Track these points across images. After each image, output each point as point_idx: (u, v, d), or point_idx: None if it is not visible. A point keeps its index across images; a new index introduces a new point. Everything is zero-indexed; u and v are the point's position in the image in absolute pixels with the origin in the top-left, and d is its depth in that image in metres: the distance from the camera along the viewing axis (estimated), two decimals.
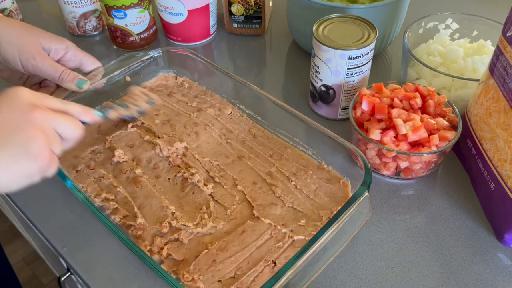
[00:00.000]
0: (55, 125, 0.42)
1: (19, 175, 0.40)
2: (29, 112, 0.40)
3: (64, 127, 0.43)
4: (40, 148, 0.40)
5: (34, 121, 0.40)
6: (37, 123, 0.40)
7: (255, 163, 0.57)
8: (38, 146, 0.39)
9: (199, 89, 0.69)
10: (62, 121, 0.42)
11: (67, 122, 0.43)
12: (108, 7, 0.74)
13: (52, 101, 0.43)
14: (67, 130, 0.43)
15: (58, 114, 0.42)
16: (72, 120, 0.44)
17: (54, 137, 0.42)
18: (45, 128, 0.41)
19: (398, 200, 0.56)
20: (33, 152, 0.39)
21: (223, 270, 0.46)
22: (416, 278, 0.48)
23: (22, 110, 0.40)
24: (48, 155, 0.41)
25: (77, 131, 0.44)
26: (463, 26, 0.72)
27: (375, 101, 0.57)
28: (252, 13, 0.81)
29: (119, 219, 0.51)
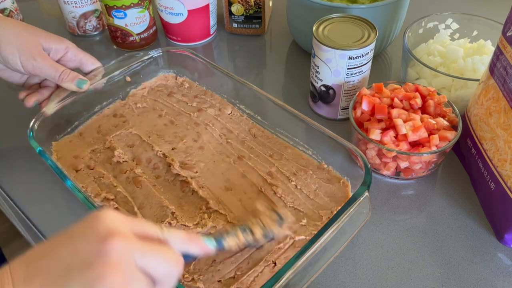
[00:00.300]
0: (140, 259, 0.30)
1: None
2: (105, 241, 0.29)
3: (154, 263, 0.31)
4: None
5: (109, 253, 0.29)
6: (113, 256, 0.29)
7: (255, 163, 0.57)
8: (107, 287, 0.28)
9: (199, 89, 0.69)
10: (151, 253, 0.31)
11: (159, 255, 0.31)
12: (108, 7, 0.74)
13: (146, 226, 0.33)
14: (158, 267, 0.31)
15: (147, 245, 0.31)
16: (167, 253, 0.32)
17: (135, 276, 0.30)
18: (123, 263, 0.29)
19: (398, 200, 0.56)
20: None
21: (223, 270, 0.46)
22: (416, 278, 0.48)
23: (97, 238, 0.30)
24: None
25: (175, 268, 0.32)
26: (463, 26, 0.72)
27: (375, 101, 0.57)
28: (252, 13, 0.81)
29: None
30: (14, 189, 0.58)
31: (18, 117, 0.66)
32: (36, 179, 0.59)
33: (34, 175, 0.59)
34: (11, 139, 0.65)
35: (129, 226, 0.32)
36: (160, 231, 0.34)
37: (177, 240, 0.34)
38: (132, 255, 0.30)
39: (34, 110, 0.59)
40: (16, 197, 0.57)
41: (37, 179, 0.59)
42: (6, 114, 0.69)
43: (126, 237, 0.30)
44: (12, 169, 0.61)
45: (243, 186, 0.55)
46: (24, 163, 0.61)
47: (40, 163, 0.55)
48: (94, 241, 0.30)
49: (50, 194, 0.57)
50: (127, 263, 0.30)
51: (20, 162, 0.61)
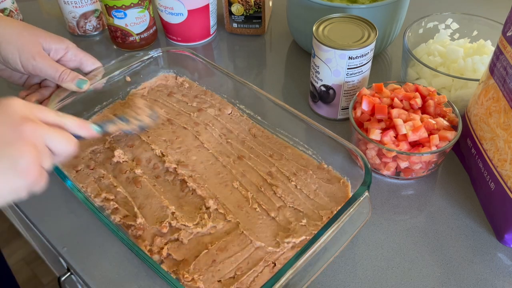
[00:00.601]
0: (47, 139, 0.40)
1: (6, 191, 0.38)
2: (20, 125, 0.38)
3: (56, 142, 0.41)
4: (29, 164, 0.38)
5: (24, 134, 0.38)
6: (28, 137, 0.38)
7: (255, 163, 0.57)
8: (27, 161, 0.38)
9: (199, 89, 0.69)
10: (54, 135, 0.41)
11: (60, 136, 0.41)
12: (108, 7, 0.74)
13: (47, 114, 0.42)
14: (59, 145, 0.41)
15: (51, 128, 0.41)
16: (65, 135, 0.42)
17: (44, 152, 0.40)
18: (36, 142, 0.39)
19: (398, 200, 0.56)
20: (21, 168, 0.38)
21: (223, 270, 0.46)
22: (416, 278, 0.48)
23: (12, 122, 0.38)
24: (37, 171, 0.39)
25: (70, 146, 0.42)
26: (463, 26, 0.72)
27: (375, 101, 0.57)
28: (252, 13, 0.81)
29: (119, 219, 0.51)
30: None
31: None
32: None
33: None
34: None
35: (35, 113, 0.40)
36: (58, 117, 0.42)
37: (71, 124, 0.44)
38: (41, 136, 0.39)
39: None
40: None
41: None
42: None
43: (36, 122, 0.39)
44: None
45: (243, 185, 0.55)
46: None
47: None
48: (10, 124, 0.38)
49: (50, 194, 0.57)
50: (38, 141, 0.39)
51: None
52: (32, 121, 0.39)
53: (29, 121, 0.39)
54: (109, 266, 0.50)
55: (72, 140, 0.43)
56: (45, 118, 0.41)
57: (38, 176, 0.39)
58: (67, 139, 0.42)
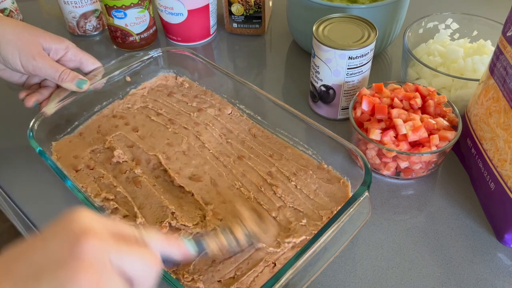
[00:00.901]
0: (117, 259, 0.29)
1: None
2: (79, 240, 0.28)
3: (131, 263, 0.30)
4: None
5: (83, 252, 0.28)
6: (87, 256, 0.28)
7: (255, 163, 0.57)
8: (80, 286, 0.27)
9: (199, 89, 0.69)
10: (127, 253, 0.30)
11: (136, 254, 0.30)
12: (108, 7, 0.74)
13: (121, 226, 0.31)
14: (135, 267, 0.30)
15: (123, 244, 0.30)
16: (143, 252, 0.31)
17: (110, 276, 0.29)
18: (98, 262, 0.28)
19: (398, 200, 0.56)
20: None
21: (223, 270, 0.46)
22: (416, 278, 0.48)
23: (71, 238, 0.29)
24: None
25: (152, 268, 0.31)
26: (463, 26, 0.72)
27: (375, 101, 0.57)
28: (252, 13, 0.81)
29: (119, 219, 0.51)
30: (14, 189, 0.58)
31: (18, 117, 0.66)
32: (36, 179, 0.59)
33: (34, 175, 0.59)
34: (11, 139, 0.65)
35: (104, 225, 0.31)
36: (137, 232, 0.33)
37: (155, 241, 0.33)
38: (107, 255, 0.29)
39: (34, 110, 0.59)
40: (16, 197, 0.57)
41: (37, 179, 0.59)
42: (6, 114, 0.69)
43: (101, 236, 0.29)
44: (12, 169, 0.61)
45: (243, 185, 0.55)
46: (24, 163, 0.61)
47: (40, 163, 0.55)
48: (67, 241, 0.28)
49: (50, 194, 0.57)
50: (101, 262, 0.28)
51: (20, 162, 0.61)
52: (96, 234, 0.29)
53: (91, 235, 0.29)
54: None
55: (156, 260, 0.32)
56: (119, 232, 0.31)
57: None
58: (146, 257, 0.31)
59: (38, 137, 0.55)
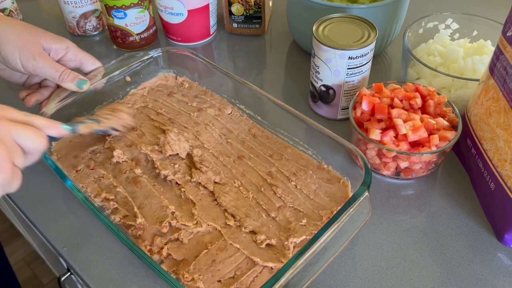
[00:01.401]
0: (16, 136, 0.39)
1: None
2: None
3: (26, 139, 0.40)
4: (1, 159, 0.37)
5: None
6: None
7: (255, 163, 0.57)
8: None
9: (199, 89, 0.69)
10: (23, 132, 0.40)
11: (29, 133, 0.40)
12: (108, 7, 0.74)
13: (14, 112, 0.41)
14: (29, 142, 0.40)
15: (19, 125, 0.40)
16: (35, 131, 0.41)
17: (15, 149, 0.39)
18: (4, 139, 0.38)
19: (398, 200, 0.56)
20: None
21: (223, 270, 0.46)
22: (416, 278, 0.48)
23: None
24: (9, 168, 0.38)
25: (41, 143, 0.41)
26: (463, 26, 0.72)
27: (375, 101, 0.57)
28: (252, 13, 0.81)
29: (119, 219, 0.51)
30: None
31: None
32: (36, 179, 0.59)
33: (34, 175, 0.59)
34: None
35: (1, 110, 0.39)
36: (25, 116, 0.41)
37: (40, 124, 0.43)
38: (9, 132, 0.38)
39: (34, 110, 0.59)
40: (16, 197, 0.57)
41: (37, 179, 0.59)
42: None
43: (2, 119, 0.39)
44: None
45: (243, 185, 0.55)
46: None
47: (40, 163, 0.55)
48: None
49: (50, 194, 0.57)
50: (7, 139, 0.38)
51: None
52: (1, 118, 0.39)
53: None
54: (109, 266, 0.50)
55: (42, 136, 0.42)
56: (12, 117, 0.40)
57: (11, 173, 0.38)
58: (37, 135, 0.41)
59: None
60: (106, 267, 0.50)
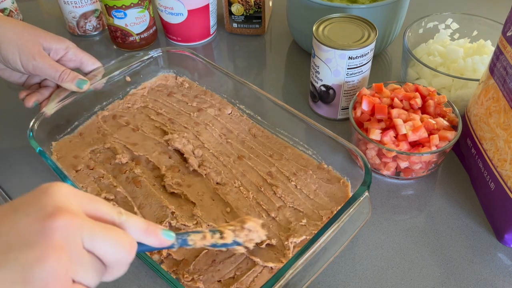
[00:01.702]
0: (89, 240, 0.28)
1: None
2: (50, 218, 0.27)
3: (104, 245, 0.28)
4: (51, 276, 0.26)
5: (53, 231, 0.26)
6: (57, 236, 0.26)
7: (255, 163, 0.57)
8: (47, 272, 0.26)
9: (199, 89, 0.69)
10: (101, 234, 0.28)
11: (110, 236, 0.29)
12: (108, 7, 0.74)
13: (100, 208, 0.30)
14: (108, 250, 0.28)
15: (96, 223, 0.28)
16: (119, 236, 0.29)
17: (82, 259, 0.27)
18: (68, 244, 0.27)
19: (398, 200, 0.56)
20: (36, 281, 0.26)
21: (223, 270, 0.46)
22: (416, 278, 0.48)
23: (42, 214, 0.27)
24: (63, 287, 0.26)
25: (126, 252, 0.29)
26: (463, 26, 0.72)
27: (375, 101, 0.57)
28: (252, 13, 0.81)
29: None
30: (14, 189, 0.58)
31: (18, 117, 0.66)
32: (36, 179, 0.59)
33: (34, 175, 0.59)
34: (11, 139, 0.65)
35: (81, 203, 0.29)
36: (117, 215, 0.30)
37: (134, 227, 0.31)
38: (80, 236, 0.27)
39: (34, 110, 0.59)
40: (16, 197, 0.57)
41: (37, 179, 0.59)
42: (6, 114, 0.69)
43: (75, 215, 0.27)
44: (12, 169, 0.61)
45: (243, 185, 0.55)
46: (24, 163, 0.61)
47: (40, 163, 0.55)
48: (38, 217, 0.27)
49: None
50: (73, 244, 0.27)
51: (20, 162, 0.61)
52: (70, 213, 0.27)
53: (64, 213, 0.27)
54: None
55: (131, 245, 0.30)
56: (95, 215, 0.29)
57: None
58: (121, 240, 0.29)
59: (38, 137, 0.55)
60: None
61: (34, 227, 0.27)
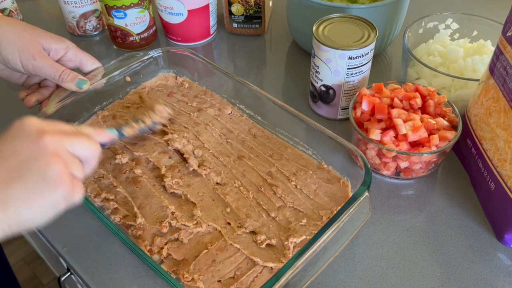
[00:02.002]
0: (70, 146, 0.39)
1: (43, 207, 0.37)
2: (39, 138, 0.37)
3: (81, 147, 0.40)
4: (58, 173, 0.36)
5: (46, 146, 0.37)
6: (50, 148, 0.37)
7: (255, 163, 0.57)
8: (56, 171, 0.36)
9: (199, 89, 0.69)
10: (75, 140, 0.39)
11: (82, 141, 0.40)
12: (108, 7, 0.74)
13: (62, 125, 0.41)
14: (85, 150, 0.40)
15: (71, 135, 0.40)
16: (87, 138, 0.41)
17: (71, 159, 0.39)
18: (59, 151, 0.37)
19: (398, 200, 0.56)
20: (51, 178, 0.36)
21: (223, 270, 0.46)
22: (416, 278, 0.48)
23: (32, 138, 0.37)
24: (69, 179, 0.37)
25: (96, 148, 0.42)
26: (463, 26, 0.72)
27: (375, 101, 0.57)
28: (252, 13, 0.81)
29: (119, 219, 0.51)
30: None
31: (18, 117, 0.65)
32: None
33: None
34: None
35: (51, 125, 0.39)
36: (73, 128, 0.41)
37: (88, 132, 0.43)
38: (62, 144, 0.38)
39: (34, 110, 0.59)
40: None
41: None
42: (6, 114, 0.69)
43: (54, 132, 0.38)
44: None
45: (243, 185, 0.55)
46: None
47: None
48: (30, 140, 0.37)
49: None
50: (62, 151, 0.38)
51: None
52: (49, 132, 0.38)
53: (46, 133, 0.38)
54: (109, 266, 0.50)
55: (94, 142, 0.42)
56: (61, 129, 0.40)
57: (71, 184, 0.38)
58: (90, 141, 0.41)
59: None
60: (106, 267, 0.50)
61: (31, 147, 0.37)
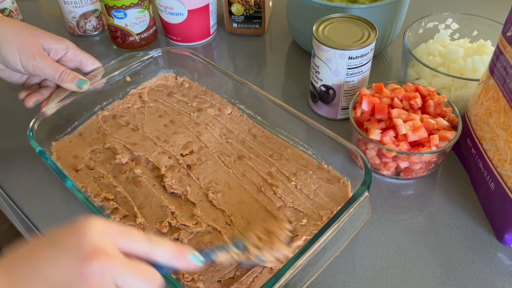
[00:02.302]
0: (120, 279, 0.31)
1: None
2: (86, 261, 0.30)
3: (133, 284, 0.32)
4: None
5: (90, 274, 0.30)
6: (94, 279, 0.30)
7: (255, 163, 0.57)
8: None
9: (199, 89, 0.69)
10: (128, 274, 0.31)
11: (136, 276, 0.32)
12: (108, 7, 0.74)
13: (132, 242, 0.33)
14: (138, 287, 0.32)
15: (126, 264, 0.32)
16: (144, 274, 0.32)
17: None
18: (103, 285, 0.30)
19: (398, 200, 0.56)
20: None
21: (223, 270, 0.46)
22: (416, 278, 0.48)
23: (79, 255, 0.30)
24: None
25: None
26: (463, 26, 0.72)
27: (375, 101, 0.57)
28: (252, 13, 0.81)
29: (119, 219, 0.51)
30: (14, 189, 0.58)
31: (18, 117, 0.66)
32: (36, 179, 0.59)
33: (34, 175, 0.59)
34: (11, 139, 0.65)
35: (114, 239, 0.32)
36: (148, 245, 0.34)
37: (163, 255, 0.34)
38: (113, 276, 0.31)
39: (34, 110, 0.59)
40: (16, 197, 0.57)
41: (37, 179, 0.59)
42: (6, 114, 0.69)
43: (109, 255, 0.31)
44: (12, 169, 0.61)
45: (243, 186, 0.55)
46: (24, 163, 0.61)
47: (40, 163, 0.55)
48: (77, 258, 0.30)
49: (50, 194, 0.57)
50: (107, 285, 0.31)
51: (20, 162, 0.61)
52: (105, 254, 0.30)
53: (100, 255, 0.30)
54: None
55: (156, 280, 0.33)
56: (128, 248, 0.33)
57: None
58: (150, 280, 0.32)
59: (38, 137, 0.55)
60: None
61: (74, 268, 0.30)
